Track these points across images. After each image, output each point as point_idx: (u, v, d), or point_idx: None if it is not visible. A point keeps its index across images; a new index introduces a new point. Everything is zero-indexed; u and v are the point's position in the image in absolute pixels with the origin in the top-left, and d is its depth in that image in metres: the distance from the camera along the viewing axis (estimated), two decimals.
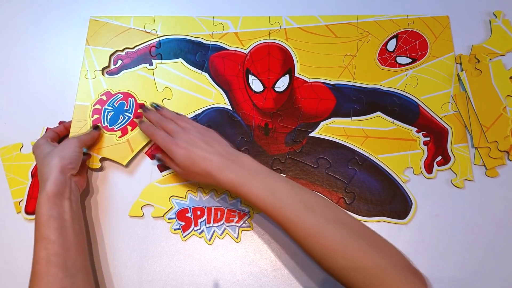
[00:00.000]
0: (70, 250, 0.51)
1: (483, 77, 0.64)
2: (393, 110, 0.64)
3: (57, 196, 0.53)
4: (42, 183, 0.54)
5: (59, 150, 0.57)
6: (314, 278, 0.57)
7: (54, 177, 0.53)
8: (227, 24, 0.69)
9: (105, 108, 0.65)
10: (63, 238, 0.51)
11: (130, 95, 0.65)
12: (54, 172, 0.54)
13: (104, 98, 0.65)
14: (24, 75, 0.69)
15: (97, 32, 0.69)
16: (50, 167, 0.54)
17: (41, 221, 0.51)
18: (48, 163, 0.55)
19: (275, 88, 0.66)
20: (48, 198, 0.52)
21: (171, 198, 0.61)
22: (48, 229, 0.50)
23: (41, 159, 0.56)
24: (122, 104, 0.65)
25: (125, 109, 0.65)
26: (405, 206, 0.59)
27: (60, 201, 0.53)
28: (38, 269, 0.49)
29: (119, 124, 0.64)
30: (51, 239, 0.50)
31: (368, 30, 0.68)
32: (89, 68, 0.67)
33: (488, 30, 0.68)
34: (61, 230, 0.51)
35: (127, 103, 0.65)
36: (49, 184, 0.53)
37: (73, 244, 0.52)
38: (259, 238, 0.59)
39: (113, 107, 0.65)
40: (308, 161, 0.62)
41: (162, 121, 0.59)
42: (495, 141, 0.61)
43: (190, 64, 0.68)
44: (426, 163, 0.61)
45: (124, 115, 0.64)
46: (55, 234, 0.50)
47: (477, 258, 0.57)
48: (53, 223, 0.51)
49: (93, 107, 0.65)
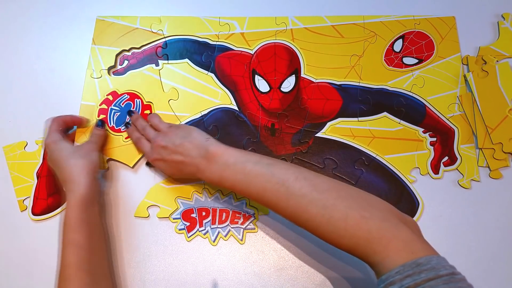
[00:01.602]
0: (96, 255, 0.51)
1: (490, 78, 0.64)
2: (400, 111, 0.64)
3: (89, 200, 0.53)
4: (70, 185, 0.53)
5: (85, 152, 0.57)
6: (317, 278, 0.57)
7: (86, 181, 0.53)
8: (233, 24, 0.69)
9: (111, 108, 0.65)
10: (92, 243, 0.51)
11: (137, 96, 0.65)
12: (86, 176, 0.54)
13: (111, 98, 0.65)
14: (30, 73, 0.69)
15: (104, 31, 0.70)
16: (79, 170, 0.54)
17: (71, 225, 0.51)
18: (75, 164, 0.54)
19: (282, 88, 0.66)
20: (81, 202, 0.52)
21: (177, 199, 0.60)
22: (78, 234, 0.50)
23: (63, 158, 0.55)
24: (128, 105, 0.65)
25: (132, 110, 0.64)
26: (412, 206, 0.59)
27: (91, 205, 0.53)
28: (68, 274, 0.49)
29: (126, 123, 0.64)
30: (81, 244, 0.50)
31: (375, 31, 0.68)
32: (95, 68, 0.67)
33: (495, 32, 0.68)
34: (90, 235, 0.51)
35: (134, 104, 0.65)
36: (82, 188, 0.52)
37: (99, 250, 0.52)
38: (263, 240, 0.59)
39: (119, 108, 0.65)
40: (314, 162, 0.62)
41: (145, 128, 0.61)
42: (499, 143, 0.61)
43: (196, 65, 0.68)
44: (433, 164, 0.61)
45: None
46: (85, 239, 0.50)
47: (482, 259, 0.57)
48: (84, 228, 0.51)
49: (99, 107, 0.65)
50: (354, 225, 0.42)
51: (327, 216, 0.43)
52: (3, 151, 0.64)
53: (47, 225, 0.60)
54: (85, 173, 0.54)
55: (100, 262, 0.52)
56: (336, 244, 0.44)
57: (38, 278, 0.58)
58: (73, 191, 0.52)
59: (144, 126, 0.61)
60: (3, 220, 0.61)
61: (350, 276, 0.56)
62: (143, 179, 0.62)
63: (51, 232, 0.59)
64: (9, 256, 0.60)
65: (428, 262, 0.37)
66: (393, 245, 0.40)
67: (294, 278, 0.57)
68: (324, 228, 0.44)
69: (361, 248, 0.42)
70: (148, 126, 0.61)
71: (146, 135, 0.60)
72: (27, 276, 0.58)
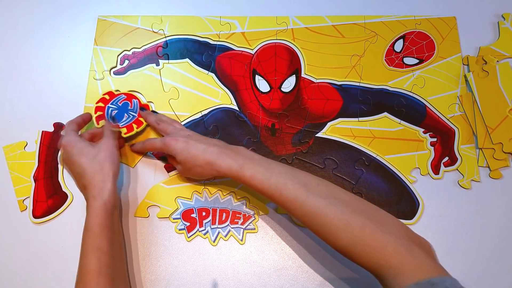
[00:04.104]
0: (117, 261, 0.51)
1: (490, 78, 0.64)
2: (400, 111, 0.64)
3: (112, 206, 0.52)
4: (93, 190, 0.52)
5: (107, 155, 0.55)
6: (317, 278, 0.57)
7: (111, 187, 0.52)
8: (234, 24, 0.69)
9: (108, 106, 0.64)
10: (113, 249, 0.50)
11: (134, 97, 0.65)
12: (111, 181, 0.53)
13: (107, 97, 0.65)
14: (30, 74, 0.69)
15: (105, 32, 0.69)
16: (104, 175, 0.53)
17: (95, 231, 0.50)
18: (100, 169, 0.53)
19: (282, 88, 0.66)
20: (106, 208, 0.51)
21: (177, 199, 0.60)
22: (102, 240, 0.50)
23: (84, 162, 0.53)
24: (126, 104, 0.65)
25: (130, 109, 0.64)
26: (413, 206, 0.59)
27: (113, 211, 0.53)
28: (88, 279, 0.48)
29: (124, 121, 0.63)
30: (104, 250, 0.49)
31: (375, 31, 0.68)
32: (97, 69, 0.67)
33: (495, 32, 0.68)
34: (112, 241, 0.51)
35: (131, 103, 0.65)
36: (106, 194, 0.52)
37: (119, 255, 0.52)
38: (263, 240, 0.59)
39: (117, 106, 0.64)
40: (315, 162, 0.62)
41: (161, 122, 0.60)
42: (499, 143, 0.61)
43: (197, 64, 0.68)
44: (433, 164, 0.61)
45: (129, 114, 0.64)
46: (107, 245, 0.50)
47: (482, 259, 0.57)
48: (107, 234, 0.50)
49: (95, 105, 0.64)
50: (370, 235, 0.43)
51: (344, 221, 0.44)
52: (3, 151, 0.64)
53: (48, 227, 0.60)
54: (109, 178, 0.53)
55: (120, 267, 0.52)
56: (349, 252, 0.44)
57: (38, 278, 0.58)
58: (97, 197, 0.51)
59: (160, 119, 0.61)
60: (3, 220, 0.61)
61: (350, 276, 0.57)
62: (143, 179, 0.62)
63: (52, 233, 0.59)
64: (9, 256, 0.59)
65: (442, 283, 0.37)
66: (407, 262, 0.40)
67: (294, 278, 0.57)
68: (339, 233, 0.44)
69: (374, 259, 0.42)
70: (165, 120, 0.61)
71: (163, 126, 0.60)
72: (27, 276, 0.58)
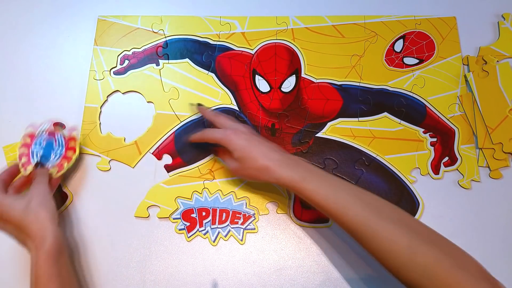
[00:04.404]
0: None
1: (490, 78, 0.64)
2: (400, 111, 0.64)
3: (57, 252, 0.48)
4: (34, 241, 0.48)
5: (41, 200, 0.51)
6: (317, 278, 0.57)
7: (53, 233, 0.49)
8: (234, 24, 0.69)
9: (32, 150, 0.59)
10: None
11: (56, 129, 0.62)
12: (51, 227, 0.49)
13: (28, 141, 0.60)
14: (30, 74, 0.69)
15: (105, 32, 0.69)
16: (41, 222, 0.49)
17: (41, 283, 0.47)
18: (35, 218, 0.49)
19: (282, 88, 0.66)
20: (49, 256, 0.48)
21: (177, 199, 0.60)
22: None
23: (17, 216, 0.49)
24: (50, 142, 0.61)
25: (55, 147, 0.60)
26: (413, 206, 0.59)
27: (61, 256, 0.49)
28: None
29: (53, 161, 0.59)
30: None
31: (375, 31, 0.68)
32: (97, 69, 0.67)
33: (495, 32, 0.68)
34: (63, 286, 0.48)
35: (55, 139, 0.61)
36: (49, 242, 0.48)
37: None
38: (263, 240, 0.59)
39: (41, 146, 0.60)
40: (315, 162, 0.62)
41: (218, 116, 0.59)
42: (500, 143, 0.61)
43: (197, 64, 0.68)
44: (433, 164, 0.61)
45: (55, 152, 0.60)
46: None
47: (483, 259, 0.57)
48: (55, 282, 0.47)
49: (18, 150, 0.59)
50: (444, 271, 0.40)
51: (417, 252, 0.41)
52: (3, 151, 0.64)
53: None
54: (48, 224, 0.49)
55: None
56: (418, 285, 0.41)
57: None
58: (39, 247, 0.48)
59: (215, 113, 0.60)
60: None
61: (350, 276, 0.57)
62: (143, 179, 0.62)
63: None
64: (9, 256, 0.59)
65: None
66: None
67: (294, 278, 0.57)
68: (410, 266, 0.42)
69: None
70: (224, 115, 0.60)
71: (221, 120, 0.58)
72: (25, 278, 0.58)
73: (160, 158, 0.63)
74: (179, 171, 0.62)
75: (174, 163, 0.63)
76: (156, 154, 0.63)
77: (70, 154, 0.60)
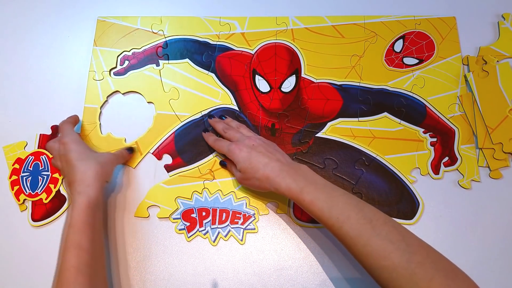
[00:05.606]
0: (97, 260, 0.50)
1: (490, 78, 0.64)
2: (400, 111, 0.64)
3: (96, 205, 0.52)
4: (80, 186, 0.52)
5: (104, 160, 0.56)
6: (317, 278, 0.57)
7: (98, 185, 0.53)
8: (234, 24, 0.69)
9: (21, 176, 0.62)
10: (94, 248, 0.50)
11: (41, 153, 0.64)
12: (98, 180, 0.53)
13: (17, 167, 0.63)
14: (30, 74, 0.69)
15: (105, 32, 0.70)
16: (93, 173, 0.53)
17: (76, 227, 0.49)
18: (90, 167, 0.53)
19: (282, 88, 0.66)
20: (89, 205, 0.51)
21: (177, 199, 0.60)
22: (83, 237, 0.49)
23: (81, 158, 0.55)
24: (36, 165, 0.63)
25: (41, 169, 0.62)
26: (413, 206, 0.59)
27: (97, 210, 0.52)
28: (66, 277, 0.47)
29: (41, 186, 0.61)
30: (84, 248, 0.49)
31: (375, 31, 0.68)
32: (97, 69, 0.67)
33: (495, 32, 0.68)
34: (93, 239, 0.50)
35: (41, 162, 0.63)
36: (92, 191, 0.52)
37: (99, 255, 0.51)
38: (263, 240, 0.59)
39: (29, 172, 0.63)
40: (315, 162, 0.62)
41: (228, 129, 0.60)
42: (500, 143, 0.61)
43: (197, 65, 0.68)
44: (433, 164, 0.61)
45: (42, 176, 0.62)
46: (88, 243, 0.49)
47: (483, 259, 0.57)
48: (88, 231, 0.50)
49: (9, 179, 0.62)
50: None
51: (410, 271, 0.41)
52: (3, 151, 0.64)
53: (47, 229, 0.60)
54: (98, 177, 0.53)
55: (100, 267, 0.51)
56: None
57: (37, 279, 0.58)
58: (82, 193, 0.51)
59: (224, 126, 0.61)
60: (3, 220, 0.61)
61: (350, 276, 0.56)
62: (143, 179, 0.62)
63: (52, 235, 0.59)
64: (9, 256, 0.59)
65: None
66: None
67: (294, 278, 0.57)
68: (402, 282, 0.41)
69: None
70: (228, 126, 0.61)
71: (230, 135, 0.59)
72: (27, 276, 0.58)
73: (160, 158, 0.63)
74: (179, 171, 0.62)
75: (174, 163, 0.63)
76: (156, 154, 0.63)
77: (57, 175, 0.62)
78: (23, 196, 0.61)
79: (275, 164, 0.52)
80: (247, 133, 0.60)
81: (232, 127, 0.61)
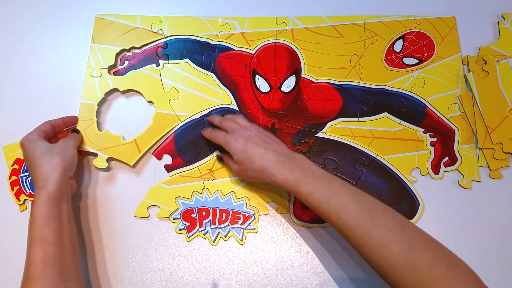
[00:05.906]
0: (66, 254, 0.49)
1: (490, 78, 0.64)
2: (400, 111, 0.64)
3: (58, 197, 0.51)
4: (40, 182, 0.51)
5: (60, 150, 0.55)
6: (317, 278, 0.57)
7: (56, 177, 0.52)
8: (233, 24, 0.69)
9: (21, 176, 0.62)
10: (61, 241, 0.49)
11: None
12: (57, 172, 0.52)
13: (17, 167, 0.63)
14: (29, 73, 0.69)
15: (103, 30, 0.69)
16: (51, 167, 0.52)
17: (39, 221, 0.49)
18: (48, 162, 0.53)
19: (282, 88, 0.66)
20: (49, 198, 0.50)
21: (177, 199, 0.60)
22: (47, 230, 0.48)
23: (38, 156, 0.53)
24: None
25: None
26: (413, 206, 0.59)
27: (60, 202, 0.51)
28: (33, 271, 0.47)
29: None
30: (49, 241, 0.48)
31: (375, 31, 0.68)
32: (94, 66, 0.67)
33: (495, 32, 0.68)
34: (59, 232, 0.49)
35: None
36: (51, 184, 0.51)
37: (69, 247, 0.50)
38: (263, 240, 0.59)
39: (28, 172, 0.62)
40: (315, 162, 0.61)
41: (224, 120, 0.60)
42: (500, 143, 0.61)
43: (197, 65, 0.68)
44: (433, 164, 0.61)
45: None
46: (53, 236, 0.48)
47: (483, 259, 0.57)
48: (52, 224, 0.49)
49: (9, 180, 0.62)
50: (437, 279, 0.40)
51: (410, 260, 0.41)
52: (3, 151, 0.64)
53: None
54: (57, 170, 0.52)
55: (70, 261, 0.50)
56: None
57: None
58: (42, 188, 0.51)
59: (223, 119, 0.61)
60: (3, 220, 0.61)
61: (350, 276, 0.57)
62: (143, 179, 0.62)
63: None
64: (9, 256, 0.60)
65: None
66: None
67: (294, 278, 0.57)
68: (402, 271, 0.41)
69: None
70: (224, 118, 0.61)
71: (226, 125, 0.59)
72: None
73: (160, 158, 0.63)
74: (179, 171, 0.62)
75: (174, 163, 0.63)
76: (156, 154, 0.63)
77: None
78: (24, 196, 0.61)
79: (271, 154, 0.52)
80: (244, 123, 0.59)
81: (229, 118, 0.61)
